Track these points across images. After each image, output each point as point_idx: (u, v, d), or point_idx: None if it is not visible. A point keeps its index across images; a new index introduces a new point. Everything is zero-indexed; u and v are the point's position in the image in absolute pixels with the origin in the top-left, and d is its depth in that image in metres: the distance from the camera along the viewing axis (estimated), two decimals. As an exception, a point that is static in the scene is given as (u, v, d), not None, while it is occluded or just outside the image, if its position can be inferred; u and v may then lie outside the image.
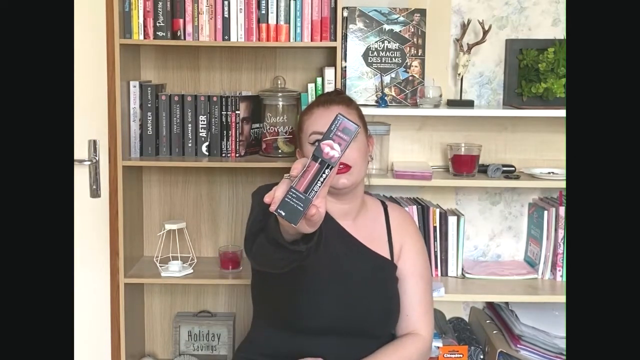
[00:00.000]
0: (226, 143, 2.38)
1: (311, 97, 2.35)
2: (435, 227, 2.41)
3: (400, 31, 2.42)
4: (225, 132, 2.37)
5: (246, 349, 1.84)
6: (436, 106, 2.38)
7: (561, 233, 2.37)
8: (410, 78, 2.43)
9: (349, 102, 1.81)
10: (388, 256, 1.82)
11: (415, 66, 2.43)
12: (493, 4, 2.50)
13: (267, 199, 1.18)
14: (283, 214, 1.17)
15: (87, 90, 2.46)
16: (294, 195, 1.17)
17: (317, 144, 1.20)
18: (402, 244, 1.85)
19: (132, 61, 2.43)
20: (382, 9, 2.41)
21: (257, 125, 2.45)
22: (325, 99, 1.80)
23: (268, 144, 2.42)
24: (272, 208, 1.16)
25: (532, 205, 2.56)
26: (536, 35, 2.50)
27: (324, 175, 1.18)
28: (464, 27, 2.45)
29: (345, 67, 2.41)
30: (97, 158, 2.50)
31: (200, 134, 2.38)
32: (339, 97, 1.82)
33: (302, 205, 1.17)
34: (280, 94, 2.40)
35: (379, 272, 1.78)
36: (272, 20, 2.30)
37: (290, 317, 1.69)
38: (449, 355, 2.27)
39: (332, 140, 1.18)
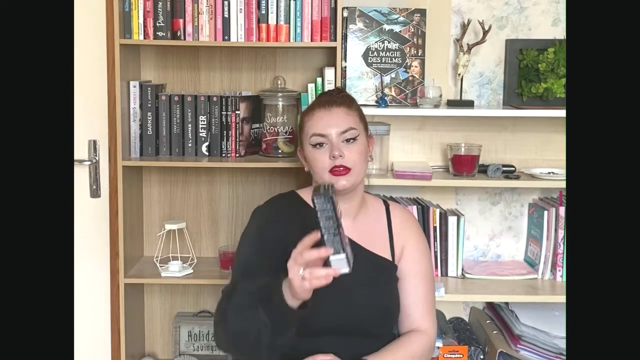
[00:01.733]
0: (226, 143, 2.38)
1: (311, 97, 2.35)
2: (435, 227, 2.41)
3: (400, 31, 2.42)
4: (225, 132, 2.37)
5: None
6: (436, 106, 2.38)
7: (561, 233, 2.37)
8: (410, 78, 2.43)
9: (350, 103, 1.80)
10: (389, 256, 1.82)
11: (415, 66, 2.43)
12: (493, 4, 2.50)
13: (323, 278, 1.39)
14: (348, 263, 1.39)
15: (87, 90, 2.46)
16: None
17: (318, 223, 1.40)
18: (404, 244, 1.84)
19: (132, 61, 2.43)
20: (382, 9, 2.41)
21: (257, 125, 2.45)
22: (326, 100, 1.79)
23: (268, 144, 2.42)
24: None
25: (532, 205, 2.56)
26: (536, 35, 2.50)
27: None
28: (464, 27, 2.45)
29: (345, 67, 2.41)
30: (97, 158, 2.50)
31: (200, 134, 2.38)
32: (339, 97, 1.81)
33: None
34: (280, 94, 2.40)
35: (377, 273, 1.78)
36: (272, 20, 2.30)
37: None
38: (449, 355, 2.27)
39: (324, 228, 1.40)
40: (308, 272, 1.38)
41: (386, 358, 1.71)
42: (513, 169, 2.45)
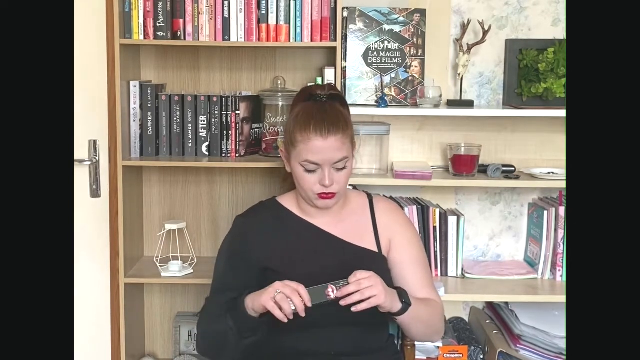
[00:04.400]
0: (226, 143, 2.38)
1: (311, 97, 2.34)
2: (435, 227, 2.41)
3: (400, 31, 2.42)
4: (225, 132, 2.37)
5: None
6: (436, 106, 2.38)
7: (561, 233, 2.37)
8: (410, 78, 2.43)
9: (345, 126, 1.75)
10: (375, 249, 1.83)
11: (415, 66, 2.43)
12: (493, 4, 2.50)
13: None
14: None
15: (87, 90, 2.46)
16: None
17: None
18: (391, 234, 1.85)
19: (132, 61, 2.43)
20: (382, 9, 2.41)
21: (257, 125, 2.45)
22: (322, 123, 1.71)
23: (268, 144, 2.42)
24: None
25: (532, 205, 2.56)
26: (536, 35, 2.50)
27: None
28: (464, 27, 2.45)
29: (345, 67, 2.41)
30: (97, 158, 2.50)
31: (200, 134, 2.38)
32: (334, 126, 1.72)
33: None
34: (280, 94, 2.40)
35: (361, 264, 1.76)
36: (272, 20, 2.30)
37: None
38: (449, 355, 2.27)
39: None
40: (279, 298, 1.60)
41: (416, 303, 1.74)
42: (513, 169, 2.46)
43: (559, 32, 2.50)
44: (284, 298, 1.60)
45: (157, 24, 2.29)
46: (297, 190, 1.86)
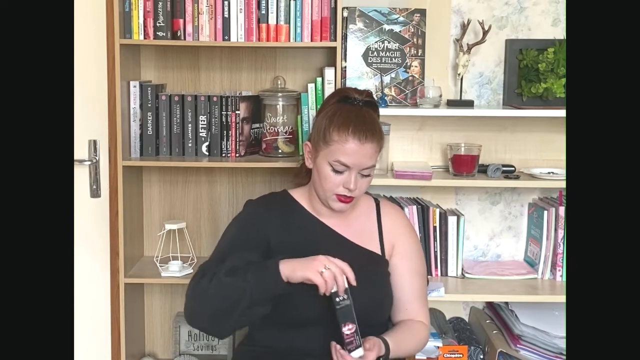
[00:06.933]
0: (226, 143, 2.38)
1: (311, 97, 2.35)
2: (435, 227, 2.41)
3: (400, 31, 2.42)
4: (225, 132, 2.38)
5: (246, 343, 1.89)
6: (436, 106, 2.38)
7: (561, 233, 2.37)
8: (410, 78, 2.43)
9: (379, 140, 1.79)
10: (378, 251, 1.86)
11: (415, 66, 2.43)
12: (493, 4, 2.51)
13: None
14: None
15: (87, 90, 2.46)
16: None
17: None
18: (395, 241, 1.88)
19: (132, 61, 2.43)
20: (382, 9, 2.41)
21: (257, 125, 2.45)
22: (360, 129, 1.74)
23: (268, 144, 2.42)
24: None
25: (532, 205, 2.56)
26: (536, 35, 2.50)
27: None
28: (464, 27, 2.45)
29: (345, 67, 2.41)
30: (97, 158, 2.50)
31: (200, 134, 2.38)
32: (372, 134, 1.75)
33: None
34: (280, 94, 2.40)
35: (366, 265, 1.80)
36: (272, 20, 2.30)
37: (281, 311, 1.72)
38: (449, 355, 2.27)
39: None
40: (328, 276, 1.58)
41: (400, 339, 1.77)
42: (513, 169, 2.46)
43: (559, 32, 2.50)
44: (332, 277, 1.58)
45: (157, 24, 2.29)
46: (310, 187, 1.87)
